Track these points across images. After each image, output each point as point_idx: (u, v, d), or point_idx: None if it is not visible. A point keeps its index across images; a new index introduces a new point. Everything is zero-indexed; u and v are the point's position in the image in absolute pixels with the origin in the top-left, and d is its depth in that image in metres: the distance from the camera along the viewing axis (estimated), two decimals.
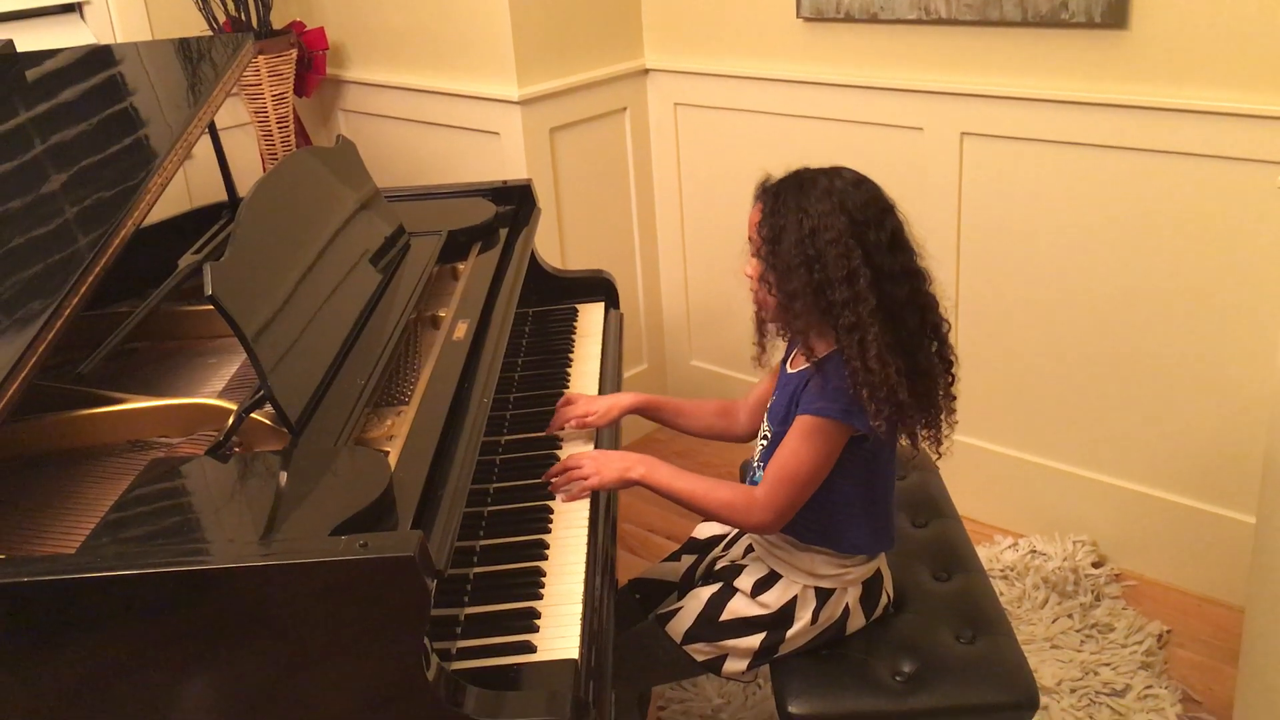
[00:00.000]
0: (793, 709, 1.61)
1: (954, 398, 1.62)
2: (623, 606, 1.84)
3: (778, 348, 1.71)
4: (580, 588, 1.49)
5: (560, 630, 1.40)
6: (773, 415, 1.68)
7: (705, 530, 1.91)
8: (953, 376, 1.62)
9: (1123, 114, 2.27)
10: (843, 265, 1.50)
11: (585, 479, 1.66)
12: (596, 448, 1.81)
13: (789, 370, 1.68)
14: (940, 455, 1.65)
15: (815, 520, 1.64)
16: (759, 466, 1.69)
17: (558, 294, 2.34)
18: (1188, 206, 2.26)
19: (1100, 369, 2.49)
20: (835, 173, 1.56)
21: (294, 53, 2.94)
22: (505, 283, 1.94)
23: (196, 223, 2.10)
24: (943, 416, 1.61)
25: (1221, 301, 2.28)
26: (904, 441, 1.60)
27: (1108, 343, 2.46)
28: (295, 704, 1.20)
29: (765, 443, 1.69)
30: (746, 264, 1.62)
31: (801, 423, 1.57)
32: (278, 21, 2.96)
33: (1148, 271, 2.36)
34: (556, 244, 2.91)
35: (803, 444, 1.56)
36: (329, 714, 1.20)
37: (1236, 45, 2.12)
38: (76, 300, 1.42)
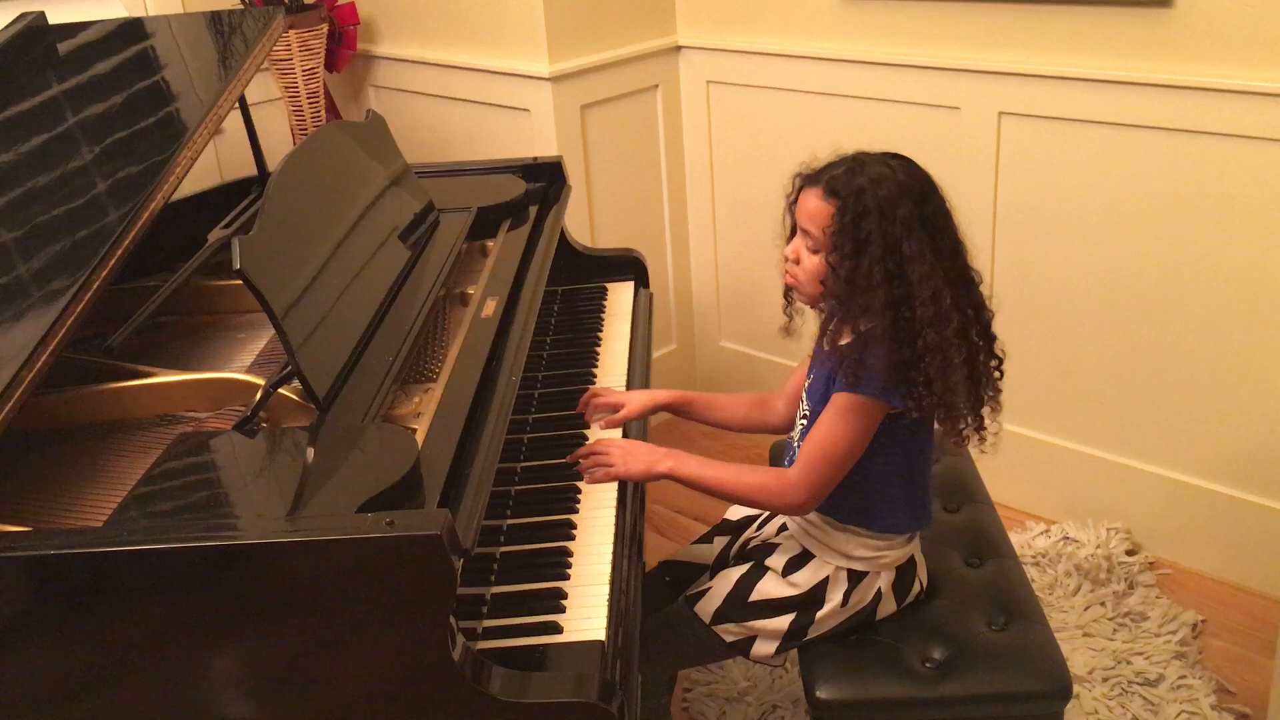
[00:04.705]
0: (821, 694, 1.60)
1: (999, 391, 1.61)
2: (652, 589, 1.83)
3: (808, 323, 1.68)
4: (608, 568, 1.48)
5: (587, 611, 1.40)
6: (811, 393, 1.66)
7: (738, 511, 1.89)
8: (1000, 373, 1.60)
9: (1167, 94, 2.22)
10: (929, 285, 1.47)
11: (610, 466, 1.63)
12: (625, 433, 1.80)
13: (825, 347, 1.65)
14: (984, 451, 1.63)
15: (853, 499, 1.62)
16: (799, 446, 1.67)
17: (587, 272, 2.32)
18: (1231, 189, 2.22)
19: (1137, 354, 2.45)
20: (889, 163, 1.51)
21: (325, 27, 2.93)
22: (535, 260, 1.93)
23: (226, 197, 2.10)
24: (987, 410, 1.59)
25: (1265, 288, 2.23)
26: (948, 438, 1.58)
27: (1146, 328, 2.42)
28: (320, 680, 1.19)
29: (805, 422, 1.66)
30: (788, 247, 1.59)
31: (838, 399, 1.54)
32: None
33: (1190, 256, 2.31)
34: (586, 222, 2.89)
35: (839, 421, 1.54)
36: (353, 691, 1.20)
37: None
38: (106, 273, 1.42)
